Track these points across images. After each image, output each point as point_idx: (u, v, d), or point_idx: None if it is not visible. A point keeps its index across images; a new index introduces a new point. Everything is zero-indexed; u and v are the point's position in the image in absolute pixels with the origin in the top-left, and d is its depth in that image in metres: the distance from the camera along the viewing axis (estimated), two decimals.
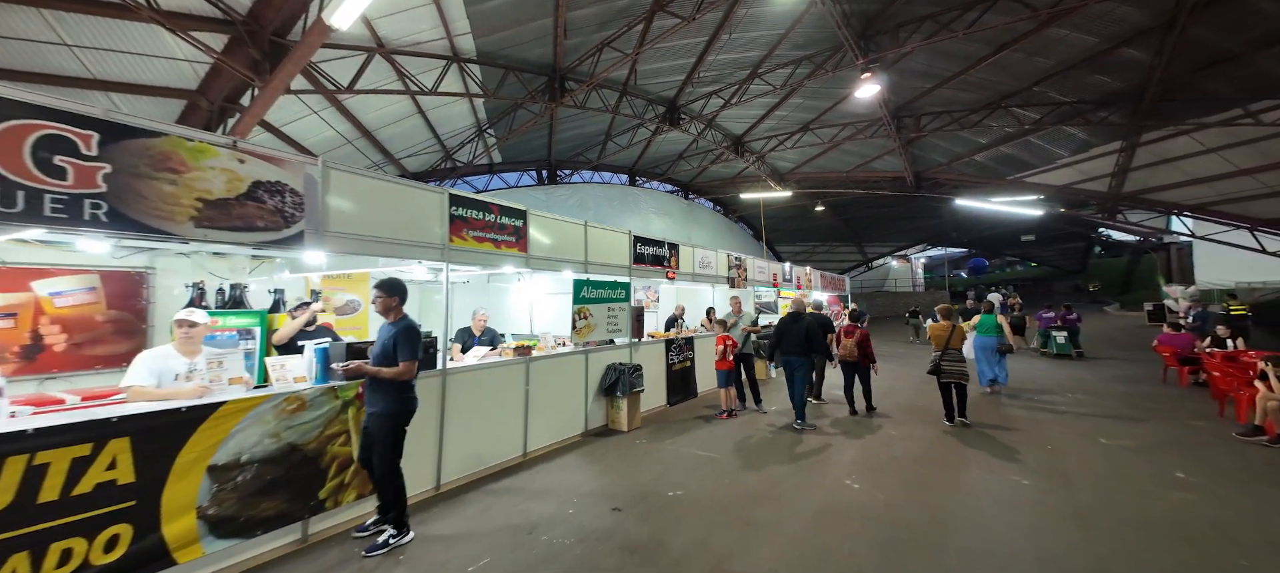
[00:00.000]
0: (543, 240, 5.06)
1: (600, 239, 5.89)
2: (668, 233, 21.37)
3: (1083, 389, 8.24)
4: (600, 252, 5.83)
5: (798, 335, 5.81)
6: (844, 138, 14.79)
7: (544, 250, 5.07)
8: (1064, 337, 11.34)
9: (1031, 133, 12.30)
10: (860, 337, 6.53)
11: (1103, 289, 30.01)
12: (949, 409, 5.88)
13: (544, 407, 4.80)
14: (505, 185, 13.67)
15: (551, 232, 5.24)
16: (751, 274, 9.81)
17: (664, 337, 6.95)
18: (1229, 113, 9.12)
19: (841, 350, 6.55)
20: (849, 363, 6.52)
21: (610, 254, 5.97)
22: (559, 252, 5.28)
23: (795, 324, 5.90)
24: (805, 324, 5.90)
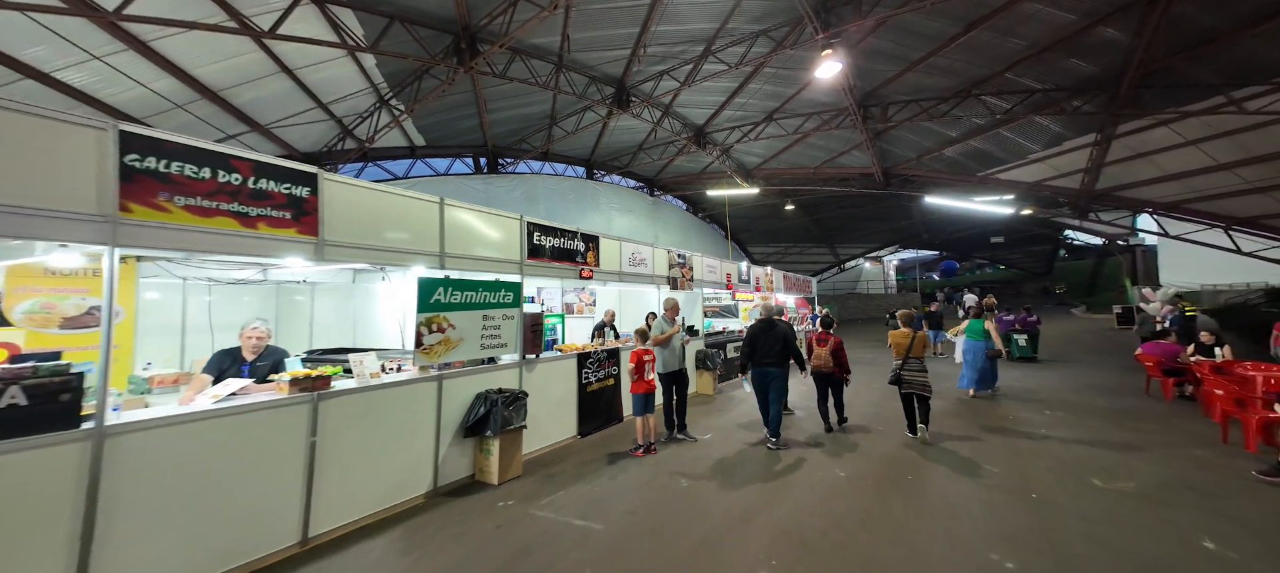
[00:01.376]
0: (351, 220, 3.50)
1: (469, 225, 4.50)
2: (633, 232, 20.16)
3: (1060, 403, 7.32)
4: (469, 241, 4.44)
5: (774, 343, 5.29)
6: (810, 129, 13.84)
7: (354, 235, 3.50)
8: (1025, 340, 11.06)
9: (1003, 125, 11.54)
10: (834, 345, 5.89)
11: (1068, 292, 30.20)
12: (911, 420, 5.54)
13: (352, 464, 3.38)
14: (432, 172, 12.15)
15: (374, 209, 3.69)
16: (700, 274, 8.64)
17: (576, 350, 5.66)
18: (1211, 100, 8.42)
19: (814, 360, 5.90)
20: (822, 374, 5.89)
21: (487, 245, 4.59)
22: (387, 238, 3.73)
23: (770, 331, 5.37)
24: (781, 331, 5.39)
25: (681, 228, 24.57)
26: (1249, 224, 10.40)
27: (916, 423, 5.46)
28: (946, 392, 8.23)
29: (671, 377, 5.42)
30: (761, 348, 5.32)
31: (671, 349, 5.43)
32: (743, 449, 5.25)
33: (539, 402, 4.80)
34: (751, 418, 6.55)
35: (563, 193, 15.93)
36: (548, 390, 4.99)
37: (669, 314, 5.58)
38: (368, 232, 3.65)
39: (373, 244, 3.68)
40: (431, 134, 11.07)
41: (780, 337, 5.37)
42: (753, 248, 34.07)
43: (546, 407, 4.95)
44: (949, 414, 6.86)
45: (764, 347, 5.31)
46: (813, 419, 6.55)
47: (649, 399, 4.97)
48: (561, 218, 16.22)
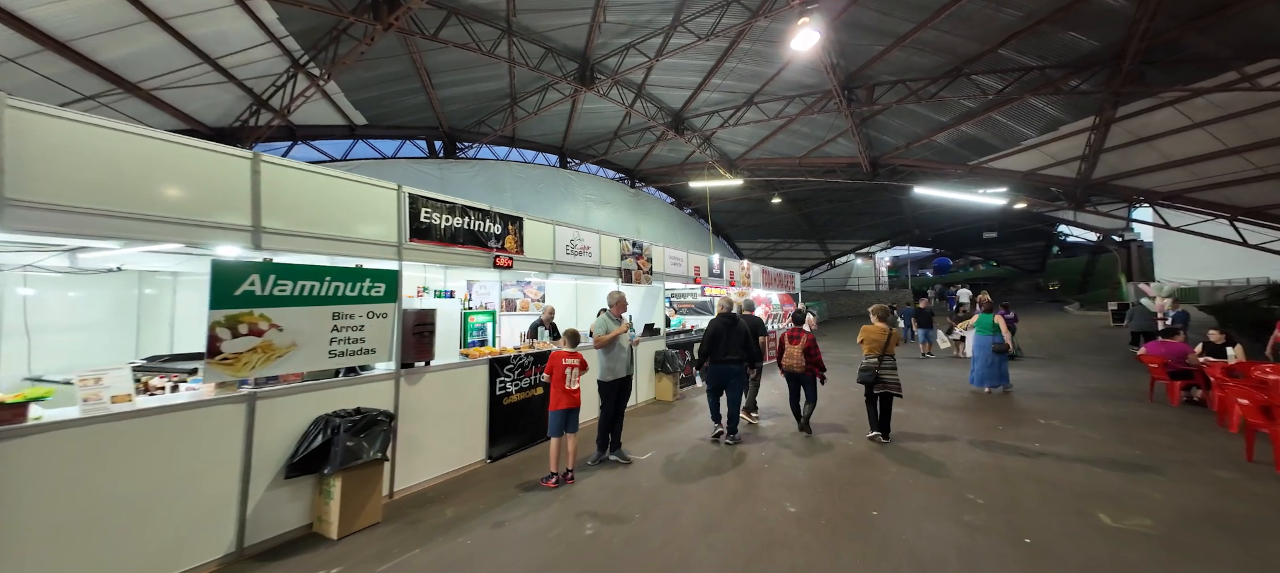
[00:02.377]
0: (64, 172, 2.39)
1: (307, 193, 3.30)
2: (614, 225, 19.24)
3: (1056, 410, 6.55)
4: (309, 214, 3.30)
5: (736, 339, 5.25)
6: (793, 114, 13.02)
7: (84, 196, 2.43)
8: None
9: (996, 108, 10.75)
10: (806, 343, 5.54)
11: (1061, 289, 29.70)
12: (873, 418, 5.33)
13: (68, 537, 2.32)
14: (378, 155, 11.17)
15: (105, 157, 2.52)
16: (661, 266, 7.78)
17: (489, 354, 4.74)
18: (1222, 77, 7.65)
19: (785, 359, 5.57)
20: (794, 374, 5.60)
21: (336, 220, 3.44)
22: (150, 202, 2.64)
23: (731, 327, 5.30)
24: (743, 327, 5.35)
25: (666, 222, 23.72)
26: (1256, 214, 9.70)
27: (878, 424, 5.27)
28: (937, 394, 7.51)
29: (615, 386, 4.56)
30: (722, 344, 5.22)
31: (617, 353, 4.58)
32: (681, 472, 4.41)
33: (427, 422, 3.95)
34: (704, 432, 5.73)
35: (533, 182, 15.00)
36: (442, 406, 4.10)
37: (614, 311, 4.71)
38: (98, 190, 2.48)
39: (135, 212, 2.56)
40: (372, 111, 10.04)
41: (742, 333, 5.27)
42: (741, 243, 33.28)
43: (439, 427, 4.07)
44: (931, 422, 6.07)
45: (725, 342, 5.21)
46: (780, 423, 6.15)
47: (570, 417, 4.09)
48: (532, 208, 15.24)
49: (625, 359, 4.60)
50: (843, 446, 5.24)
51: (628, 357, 4.65)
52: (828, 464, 4.66)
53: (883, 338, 5.23)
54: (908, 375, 9.60)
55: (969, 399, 7.47)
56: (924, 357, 11.64)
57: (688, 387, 8.18)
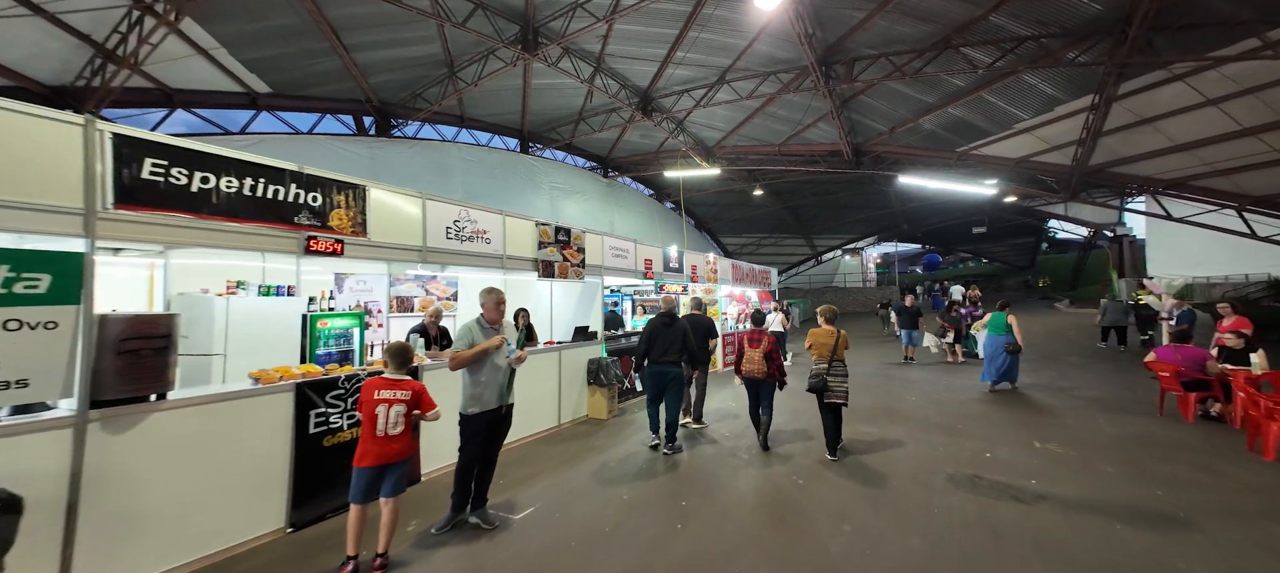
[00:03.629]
0: None
1: None
2: (585, 220, 18.07)
3: (1054, 429, 5.55)
4: None
5: (674, 339, 5.01)
6: (769, 94, 11.94)
7: None
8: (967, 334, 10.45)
9: (987, 86, 9.76)
10: (767, 347, 5.00)
11: (1051, 286, 29.10)
12: (828, 433, 4.83)
13: None
14: (290, 130, 9.87)
15: None
16: (600, 259, 6.66)
17: (293, 377, 3.39)
18: (1241, 44, 6.68)
19: (745, 364, 5.04)
20: (754, 380, 5.05)
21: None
22: None
23: (668, 327, 5.05)
24: (681, 327, 5.09)
25: (643, 215, 22.60)
26: (1266, 204, 8.82)
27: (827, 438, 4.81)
28: (918, 408, 6.49)
29: (485, 421, 3.30)
30: (659, 344, 4.94)
31: (488, 375, 3.30)
32: (568, 538, 3.29)
33: (162, 487, 2.71)
34: (627, 459, 4.65)
35: (488, 167, 13.77)
36: (196, 460, 2.85)
37: (488, 315, 3.45)
38: None
39: None
40: (275, 76, 8.67)
41: (679, 333, 4.99)
42: (725, 238, 32.31)
43: (190, 491, 2.82)
44: (908, 446, 5.05)
45: (662, 343, 4.93)
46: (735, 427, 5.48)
47: (386, 476, 2.79)
48: (489, 197, 14.04)
49: (500, 384, 3.35)
50: (792, 473, 4.19)
51: (504, 380, 3.38)
52: (771, 496, 3.60)
53: (831, 342, 4.80)
54: (888, 384, 8.60)
55: (955, 414, 6.47)
56: (906, 361, 10.66)
57: (632, 399, 7.09)
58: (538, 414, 5.40)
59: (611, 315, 8.52)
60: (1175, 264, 16.89)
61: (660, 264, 8.46)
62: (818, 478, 4.28)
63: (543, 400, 5.49)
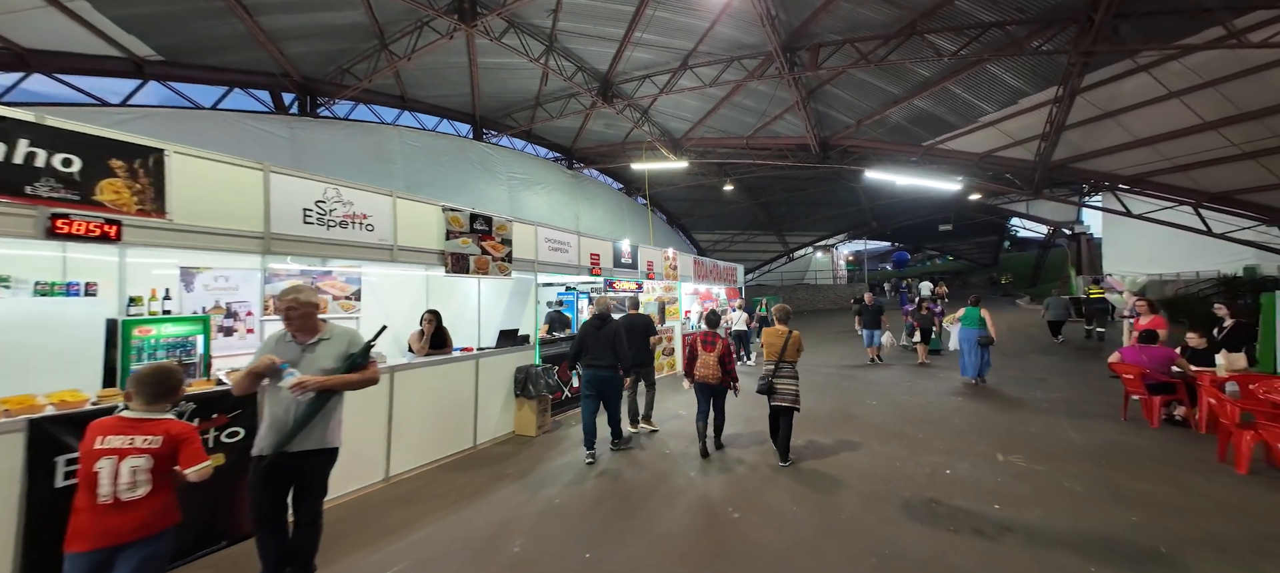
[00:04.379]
0: None
1: None
2: (549, 213, 17.16)
3: (1018, 438, 5.14)
4: None
5: (605, 342, 4.83)
6: (733, 81, 11.40)
7: None
8: (935, 333, 10.65)
9: (952, 77, 9.44)
10: (722, 350, 4.79)
11: (1013, 283, 29.83)
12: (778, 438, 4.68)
13: None
14: (189, 104, 8.69)
15: None
16: (534, 252, 5.91)
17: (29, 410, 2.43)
18: (1206, 33, 6.44)
19: (698, 369, 4.80)
20: (706, 386, 4.79)
21: None
22: None
23: (600, 330, 4.88)
24: (613, 329, 4.92)
25: (611, 209, 21.83)
26: (1222, 201, 8.79)
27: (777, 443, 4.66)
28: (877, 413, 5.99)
29: (266, 472, 2.43)
30: (591, 348, 4.81)
31: (272, 405, 2.47)
32: None
33: None
34: (546, 493, 3.96)
35: (433, 154, 12.75)
36: None
37: (293, 326, 2.52)
38: None
39: None
40: (161, 40, 7.44)
41: (610, 335, 4.83)
42: (698, 235, 31.92)
43: None
44: (863, 458, 4.53)
45: (594, 346, 4.80)
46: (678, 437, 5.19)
47: (111, 564, 1.87)
48: (437, 188, 13.03)
49: (283, 421, 2.42)
50: (730, 501, 3.58)
51: (290, 415, 2.42)
52: (696, 539, 2.97)
53: (780, 342, 4.62)
54: (849, 387, 8.12)
55: (915, 420, 6.04)
56: (872, 362, 10.30)
57: (571, 409, 6.39)
58: (446, 436, 4.65)
59: (556, 316, 7.79)
60: (1130, 262, 17.28)
61: (610, 259, 7.76)
62: (757, 505, 3.69)
63: (453, 418, 4.73)
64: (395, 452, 4.01)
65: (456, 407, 4.76)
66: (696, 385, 4.80)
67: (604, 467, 4.67)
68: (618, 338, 4.86)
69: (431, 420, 4.43)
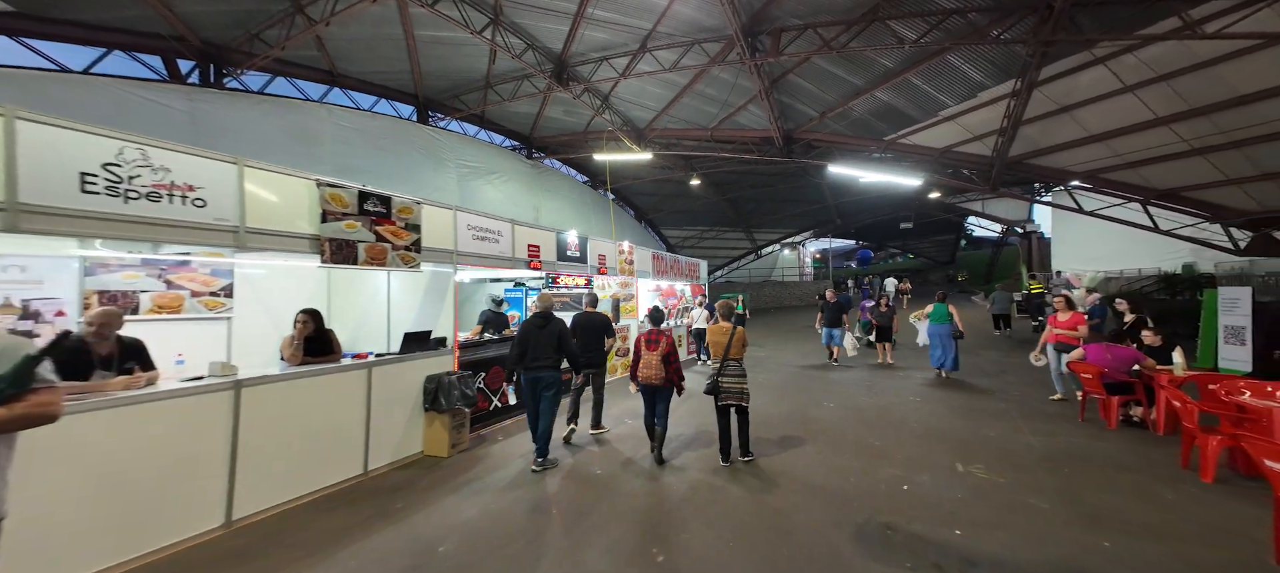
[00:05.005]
0: None
1: None
2: (506, 205, 16.16)
3: (976, 445, 4.78)
4: None
5: (547, 342, 4.51)
6: (692, 65, 10.83)
7: None
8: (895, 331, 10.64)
9: (914, 68, 9.19)
10: (666, 348, 4.53)
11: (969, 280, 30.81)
12: (725, 443, 4.49)
13: None
14: (55, 67, 7.39)
15: None
16: (450, 241, 5.13)
17: None
18: (1162, 24, 6.30)
19: (642, 369, 4.50)
20: (651, 387, 4.53)
21: None
22: None
23: (543, 328, 4.55)
24: (557, 328, 4.59)
25: (574, 202, 20.96)
26: (1169, 197, 8.91)
27: (732, 445, 4.53)
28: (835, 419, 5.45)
29: None
30: (533, 348, 4.52)
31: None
32: None
33: None
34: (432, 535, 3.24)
35: (372, 136, 11.62)
36: None
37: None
38: None
39: None
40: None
41: (553, 334, 4.59)
42: (667, 231, 31.50)
43: None
44: (816, 470, 4.03)
45: (536, 347, 4.52)
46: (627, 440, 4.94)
47: None
48: (374, 175, 11.89)
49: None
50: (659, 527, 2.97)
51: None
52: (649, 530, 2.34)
53: (725, 340, 4.46)
54: (808, 388, 7.65)
55: (873, 426, 5.64)
56: (831, 363, 10.00)
57: (501, 421, 5.66)
58: (324, 463, 3.83)
59: (494, 317, 7.02)
60: (1078, 259, 17.92)
61: (553, 252, 7.04)
62: (692, 542, 3.10)
63: (335, 441, 3.93)
64: (242, 488, 3.20)
65: (340, 427, 3.96)
66: (640, 387, 4.60)
67: (520, 490, 4.01)
68: (563, 338, 4.57)
69: (302, 445, 3.63)
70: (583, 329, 5.28)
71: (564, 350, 4.60)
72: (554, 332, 4.57)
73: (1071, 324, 6.22)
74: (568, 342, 4.67)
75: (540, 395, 4.48)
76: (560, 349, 4.57)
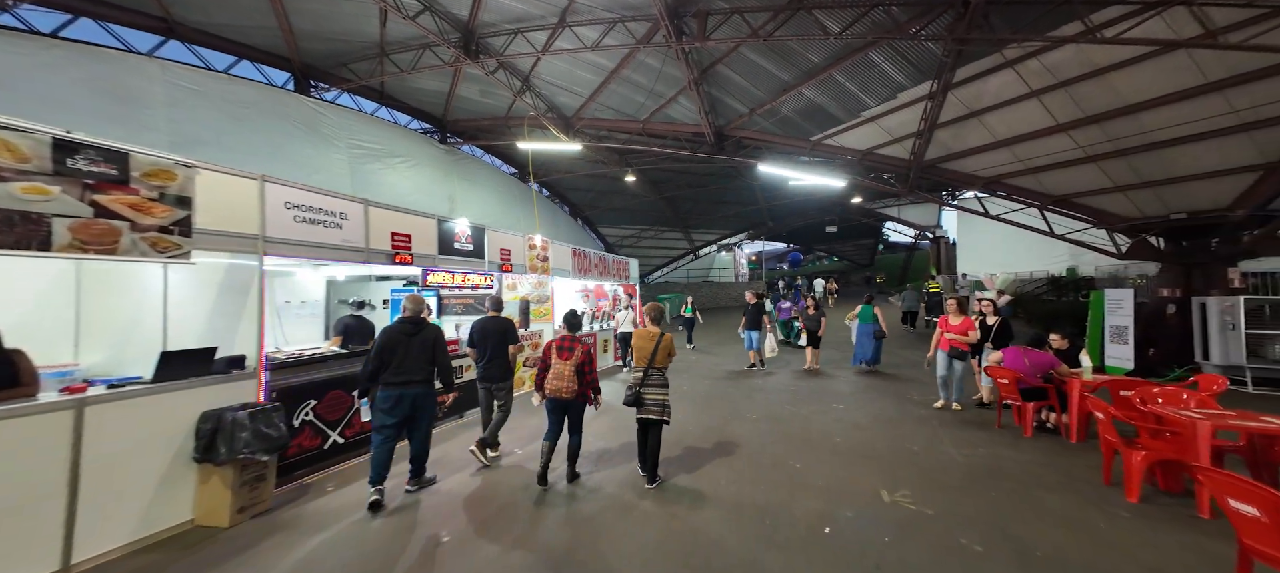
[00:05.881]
0: None
1: None
2: (415, 195, 14.16)
3: (899, 461, 4.30)
4: None
5: (418, 353, 3.83)
6: (615, 44, 9.98)
7: None
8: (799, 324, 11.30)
9: (839, 63, 8.98)
10: (580, 357, 4.01)
11: (886, 282, 32.85)
12: (644, 458, 4.05)
13: None
14: None
15: None
16: (252, 225, 3.77)
17: None
18: (1066, 28, 6.37)
19: (551, 381, 3.91)
20: (560, 402, 3.97)
21: None
22: None
23: (414, 336, 3.84)
24: (432, 336, 3.94)
25: (498, 194, 19.34)
26: (1062, 203, 9.44)
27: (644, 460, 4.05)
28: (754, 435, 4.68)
29: None
30: (399, 358, 3.72)
31: None
32: None
33: None
34: None
35: (228, 103, 9.49)
36: None
37: None
38: None
39: None
40: None
41: (426, 343, 3.86)
42: (604, 229, 30.58)
43: None
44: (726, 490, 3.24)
45: (402, 357, 3.73)
46: None
47: None
48: (232, 152, 9.68)
49: None
50: None
51: None
52: None
53: (651, 346, 4.05)
54: (730, 397, 7.01)
55: (795, 442, 5.06)
56: (751, 367, 9.56)
57: (330, 467, 4.37)
58: None
59: (355, 323, 5.64)
60: (980, 262, 19.38)
61: (432, 242, 5.77)
62: None
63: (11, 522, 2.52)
64: None
65: (16, 499, 2.55)
66: (547, 402, 4.04)
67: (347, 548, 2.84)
68: (439, 348, 3.95)
69: None
70: (484, 337, 4.65)
71: (440, 362, 3.95)
72: (428, 341, 3.88)
73: (963, 329, 6.05)
74: (443, 353, 4.00)
75: (414, 412, 3.82)
76: (434, 360, 3.91)
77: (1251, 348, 6.71)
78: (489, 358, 4.59)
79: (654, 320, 4.25)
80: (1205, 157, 7.25)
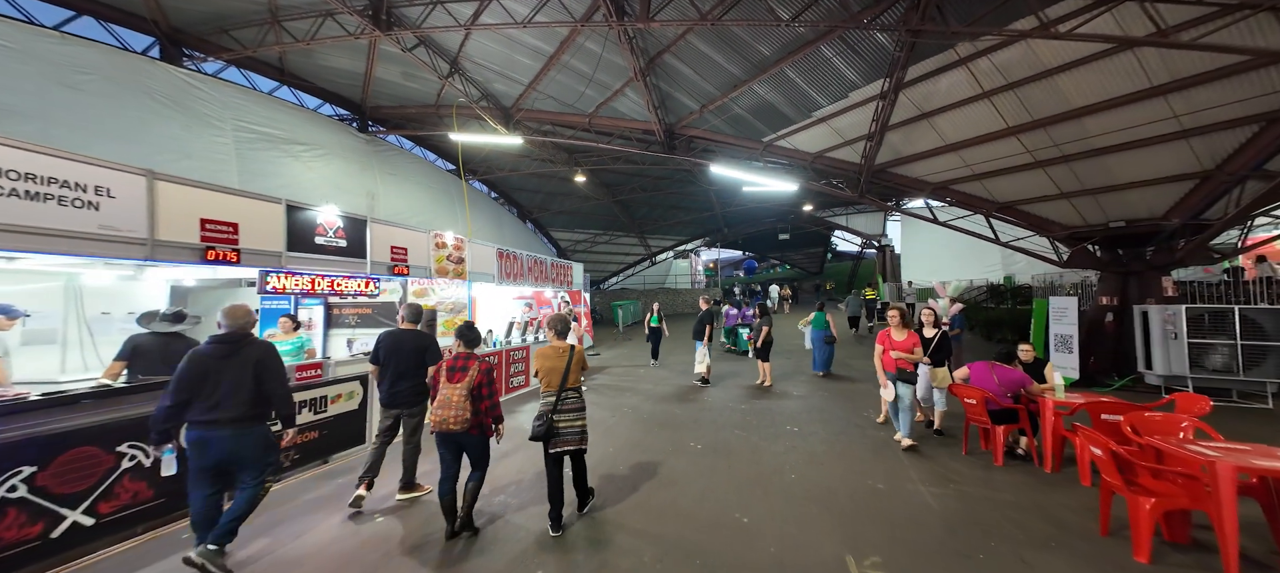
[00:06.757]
0: None
1: None
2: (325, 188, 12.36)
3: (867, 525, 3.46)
4: None
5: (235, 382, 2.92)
6: (551, 22, 8.96)
7: None
8: (747, 334, 11.33)
9: (790, 57, 8.43)
10: (477, 379, 3.31)
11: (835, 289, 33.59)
12: (558, 504, 3.34)
13: None
14: None
15: None
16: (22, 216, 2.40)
17: None
18: (1020, 22, 6.04)
19: (438, 411, 3.22)
20: (449, 435, 3.28)
21: None
22: None
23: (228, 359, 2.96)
24: (251, 358, 2.99)
25: (430, 191, 17.55)
26: (1007, 210, 9.40)
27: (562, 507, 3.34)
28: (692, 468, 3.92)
29: None
30: (210, 392, 2.87)
31: None
32: None
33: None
34: None
35: (63, 67, 7.53)
36: None
37: None
38: None
39: None
40: None
41: (249, 368, 2.96)
42: (557, 233, 29.23)
43: None
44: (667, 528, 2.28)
45: (216, 389, 2.87)
46: None
47: None
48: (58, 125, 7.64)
49: None
50: None
51: None
52: None
53: (562, 364, 3.37)
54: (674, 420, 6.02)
55: (744, 479, 4.21)
56: (701, 383, 8.75)
57: (70, 561, 3.02)
58: None
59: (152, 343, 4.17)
60: (922, 270, 19.89)
61: (280, 236, 4.44)
62: None
63: None
64: None
65: None
66: (436, 435, 3.30)
67: None
68: (267, 373, 3.01)
69: None
70: (395, 352, 3.93)
71: (272, 393, 3.03)
72: (247, 363, 2.97)
73: (908, 346, 4.94)
74: (274, 378, 3.04)
75: (234, 458, 2.91)
76: (258, 392, 2.96)
77: (1193, 358, 6.67)
78: (397, 378, 3.89)
79: (559, 334, 3.57)
80: (1144, 164, 7.25)
